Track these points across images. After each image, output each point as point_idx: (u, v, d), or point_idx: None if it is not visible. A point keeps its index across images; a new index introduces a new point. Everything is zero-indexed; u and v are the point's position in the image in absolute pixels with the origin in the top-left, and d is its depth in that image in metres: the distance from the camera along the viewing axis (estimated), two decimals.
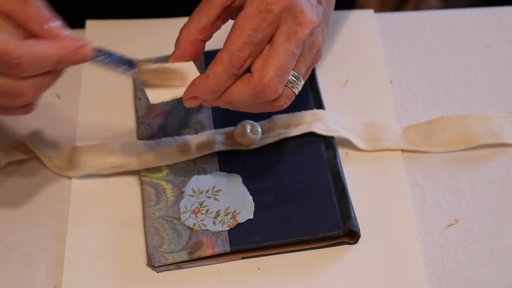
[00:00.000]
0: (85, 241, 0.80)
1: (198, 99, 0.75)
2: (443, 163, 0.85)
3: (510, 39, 0.96)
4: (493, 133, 0.86)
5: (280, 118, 0.86)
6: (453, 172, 0.84)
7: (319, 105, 0.88)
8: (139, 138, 0.87)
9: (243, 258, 0.78)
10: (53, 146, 0.86)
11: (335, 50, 0.95)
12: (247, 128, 0.84)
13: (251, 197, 0.81)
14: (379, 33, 0.96)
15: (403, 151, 0.86)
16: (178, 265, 0.78)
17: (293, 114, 0.86)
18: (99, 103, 0.91)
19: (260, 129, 0.85)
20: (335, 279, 0.76)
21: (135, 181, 0.84)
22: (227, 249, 0.77)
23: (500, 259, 0.78)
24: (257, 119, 0.85)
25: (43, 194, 0.84)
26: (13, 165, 0.85)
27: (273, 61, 0.74)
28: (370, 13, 0.98)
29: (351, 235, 0.78)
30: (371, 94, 0.91)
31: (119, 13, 0.99)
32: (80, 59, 0.73)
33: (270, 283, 0.77)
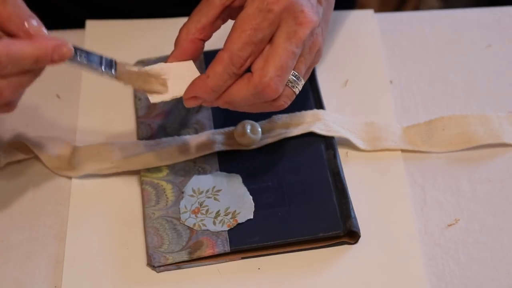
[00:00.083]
0: (85, 241, 0.80)
1: (199, 99, 0.75)
2: (443, 163, 0.85)
3: (510, 39, 0.96)
4: (493, 133, 0.86)
5: (280, 118, 0.86)
6: (453, 172, 0.84)
7: (319, 105, 0.88)
8: (139, 138, 0.87)
9: (243, 258, 0.78)
10: (53, 146, 0.86)
11: (335, 50, 0.95)
12: (247, 128, 0.84)
13: (251, 197, 0.81)
14: (379, 33, 0.96)
15: (403, 151, 0.86)
16: (178, 265, 0.78)
17: (293, 114, 0.86)
18: (99, 103, 0.91)
19: (260, 129, 0.85)
20: (335, 279, 0.76)
21: (135, 181, 0.84)
22: (227, 249, 0.77)
23: (500, 259, 0.78)
24: (257, 119, 0.85)
25: (43, 194, 0.84)
26: (13, 165, 0.85)
27: (274, 60, 0.74)
28: (370, 13, 0.98)
29: (351, 235, 0.78)
30: (371, 94, 0.91)
31: (119, 13, 0.99)
32: (58, 59, 0.71)
33: (270, 283, 0.77)
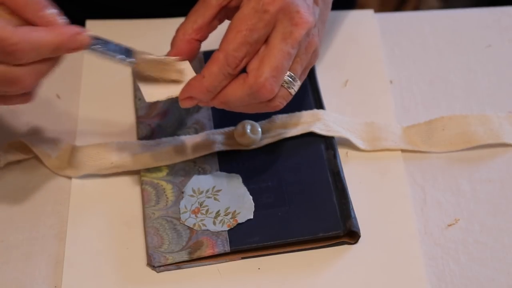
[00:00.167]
0: (85, 241, 0.80)
1: (194, 99, 0.75)
2: (443, 163, 0.85)
3: (510, 39, 0.96)
4: (493, 133, 0.86)
5: (280, 118, 0.86)
6: (453, 172, 0.84)
7: (319, 105, 0.88)
8: (139, 138, 0.87)
9: (243, 258, 0.78)
10: (53, 146, 0.86)
11: (335, 50, 0.95)
12: (247, 128, 0.84)
13: (251, 197, 0.81)
14: (379, 33, 0.96)
15: (403, 151, 0.86)
16: (178, 265, 0.78)
17: (293, 114, 0.86)
18: (99, 103, 0.91)
19: (260, 129, 0.85)
20: (335, 279, 0.76)
21: (135, 181, 0.84)
22: (227, 249, 0.77)
23: (500, 259, 0.78)
24: (257, 119, 0.85)
25: (43, 194, 0.84)
26: (13, 165, 0.85)
27: (269, 61, 0.73)
28: (370, 13, 0.98)
29: (351, 235, 0.78)
30: (371, 94, 0.91)
31: (119, 13, 0.99)
32: (76, 46, 0.72)
33: (270, 283, 0.77)
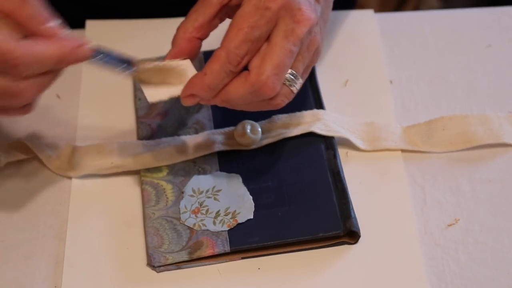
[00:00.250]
0: (85, 241, 0.80)
1: (196, 97, 0.75)
2: (443, 163, 0.85)
3: (510, 39, 0.96)
4: (493, 133, 0.86)
5: (280, 118, 0.86)
6: (453, 172, 0.84)
7: (319, 105, 0.88)
8: (139, 138, 0.87)
9: (243, 258, 0.78)
10: (53, 146, 0.86)
11: (335, 50, 0.95)
12: (247, 128, 0.84)
13: (251, 197, 0.81)
14: (379, 33, 0.96)
15: (403, 151, 0.86)
16: (178, 265, 0.78)
17: (293, 114, 0.86)
18: (99, 103, 0.91)
19: (260, 129, 0.85)
20: (335, 279, 0.76)
21: (135, 181, 0.84)
22: (227, 249, 0.77)
23: (500, 259, 0.78)
24: (257, 119, 0.85)
25: (43, 194, 0.84)
26: (13, 165, 0.85)
27: (271, 59, 0.73)
28: (370, 13, 0.98)
29: (351, 235, 0.78)
30: (371, 94, 0.91)
31: (119, 13, 0.99)
32: (79, 58, 0.73)
33: (270, 283, 0.76)
